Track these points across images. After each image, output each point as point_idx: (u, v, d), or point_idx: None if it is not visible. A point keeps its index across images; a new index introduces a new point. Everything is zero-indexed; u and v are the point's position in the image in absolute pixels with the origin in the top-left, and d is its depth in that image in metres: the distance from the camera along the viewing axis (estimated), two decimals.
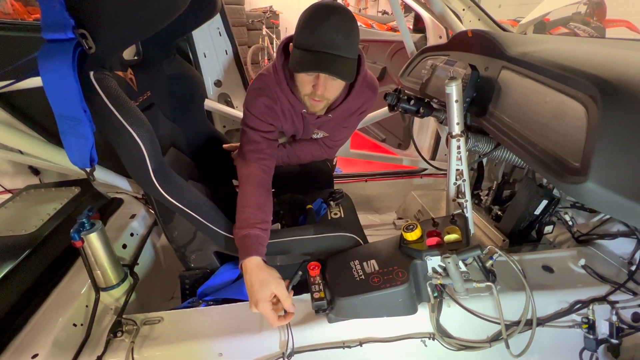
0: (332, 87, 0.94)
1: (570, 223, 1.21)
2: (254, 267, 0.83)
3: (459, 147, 0.88)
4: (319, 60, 0.84)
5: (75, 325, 0.84)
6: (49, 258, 0.94)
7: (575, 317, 0.93)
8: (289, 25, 6.74)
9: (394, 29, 5.27)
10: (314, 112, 1.03)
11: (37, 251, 0.92)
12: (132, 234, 1.18)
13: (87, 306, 0.89)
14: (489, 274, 0.92)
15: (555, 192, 1.16)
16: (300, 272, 0.90)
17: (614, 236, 1.08)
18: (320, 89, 0.92)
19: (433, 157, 1.95)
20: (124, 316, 0.87)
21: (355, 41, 0.89)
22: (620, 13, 4.22)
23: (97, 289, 0.88)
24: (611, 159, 0.53)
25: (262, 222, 0.91)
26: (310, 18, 0.86)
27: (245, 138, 1.05)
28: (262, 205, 0.94)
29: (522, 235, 1.28)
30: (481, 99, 0.94)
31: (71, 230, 0.81)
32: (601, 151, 0.53)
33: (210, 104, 1.65)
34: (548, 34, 4.15)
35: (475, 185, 1.54)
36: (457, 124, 0.85)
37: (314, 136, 1.25)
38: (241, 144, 1.07)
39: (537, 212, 1.20)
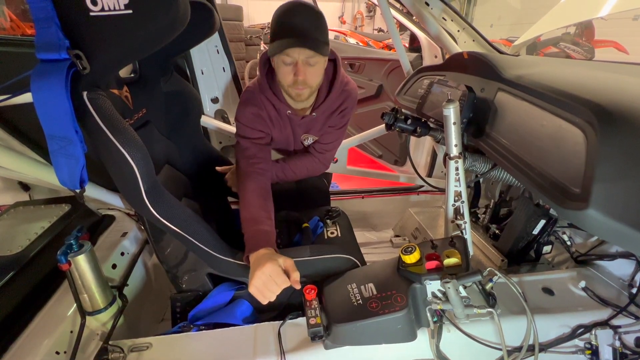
0: (311, 72, 1.00)
1: (568, 243, 1.20)
2: (265, 252, 0.86)
3: (457, 169, 0.87)
4: (293, 40, 0.92)
5: (58, 353, 0.79)
6: (34, 280, 0.90)
7: (578, 342, 0.90)
8: None
9: (389, 47, 5.39)
10: (300, 101, 1.08)
11: (22, 273, 0.88)
12: (122, 253, 1.14)
13: (71, 332, 0.85)
14: (489, 297, 0.90)
15: (552, 211, 1.16)
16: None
17: (613, 257, 1.06)
18: (301, 74, 0.97)
19: (429, 174, 1.95)
20: (110, 342, 0.82)
21: (323, 26, 0.98)
22: (608, 34, 4.36)
23: (83, 313, 0.84)
24: (612, 186, 0.52)
25: (267, 219, 0.96)
26: (280, 13, 0.96)
27: (239, 147, 1.13)
28: (263, 204, 0.99)
29: (521, 255, 1.26)
30: (478, 119, 0.94)
31: (58, 252, 0.78)
32: (602, 178, 0.53)
33: (206, 120, 1.65)
34: (540, 52, 4.26)
35: (472, 203, 1.53)
36: (455, 145, 0.85)
37: (305, 142, 1.27)
38: (236, 153, 1.14)
39: (535, 231, 1.19)
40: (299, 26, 0.93)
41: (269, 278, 0.80)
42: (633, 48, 4.37)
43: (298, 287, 0.81)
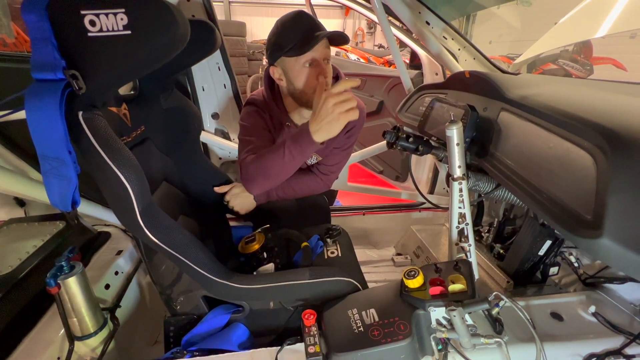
0: (329, 71, 1.02)
1: (575, 265, 1.16)
2: None
3: (461, 190, 0.85)
4: (315, 37, 0.94)
5: None
6: (22, 303, 0.87)
7: None
8: None
9: (390, 62, 5.47)
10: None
11: (10, 295, 0.85)
12: (116, 273, 1.11)
13: (59, 358, 0.81)
14: (496, 323, 0.86)
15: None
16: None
17: (622, 280, 1.03)
18: (325, 71, 0.99)
19: (431, 191, 1.93)
20: None
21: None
22: (606, 51, 4.41)
23: (72, 338, 0.81)
24: (628, 213, 0.50)
25: None
26: (287, 21, 0.99)
27: (241, 145, 1.14)
28: None
29: (527, 276, 1.23)
30: (481, 139, 0.93)
31: (48, 274, 0.75)
32: (615, 204, 0.51)
33: (206, 136, 1.64)
34: (539, 69, 4.31)
35: (475, 222, 1.50)
36: (459, 167, 0.83)
37: (308, 161, 1.24)
38: (239, 152, 1.16)
39: (541, 252, 1.16)
40: (312, 25, 0.97)
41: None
42: (630, 65, 4.43)
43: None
